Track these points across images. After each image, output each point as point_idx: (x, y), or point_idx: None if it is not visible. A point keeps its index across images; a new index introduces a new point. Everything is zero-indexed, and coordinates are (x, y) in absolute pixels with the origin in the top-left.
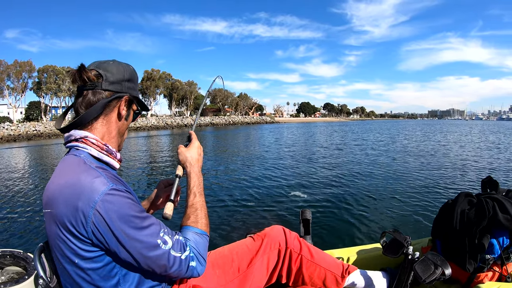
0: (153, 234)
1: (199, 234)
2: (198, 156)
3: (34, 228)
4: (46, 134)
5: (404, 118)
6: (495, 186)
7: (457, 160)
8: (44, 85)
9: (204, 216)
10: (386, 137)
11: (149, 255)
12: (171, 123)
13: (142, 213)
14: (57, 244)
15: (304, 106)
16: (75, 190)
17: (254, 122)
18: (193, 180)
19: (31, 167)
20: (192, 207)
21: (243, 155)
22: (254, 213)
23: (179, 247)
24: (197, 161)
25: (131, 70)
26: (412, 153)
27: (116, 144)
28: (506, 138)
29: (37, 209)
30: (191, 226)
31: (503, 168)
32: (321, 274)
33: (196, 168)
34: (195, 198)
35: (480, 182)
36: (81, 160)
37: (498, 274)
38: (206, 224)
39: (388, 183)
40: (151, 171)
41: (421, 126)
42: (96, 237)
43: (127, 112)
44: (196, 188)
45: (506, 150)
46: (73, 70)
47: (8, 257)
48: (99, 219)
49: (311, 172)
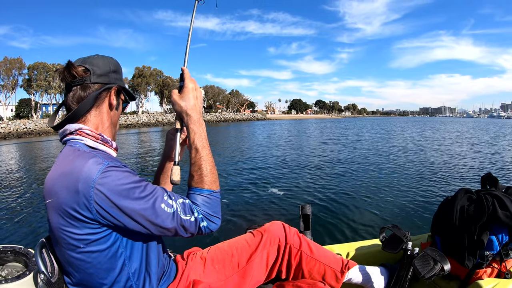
0: (157, 199)
1: (206, 195)
2: (195, 100)
3: (35, 224)
4: (36, 132)
5: (395, 115)
6: (494, 183)
7: (457, 156)
8: (35, 82)
9: (209, 172)
10: (383, 133)
11: (157, 221)
12: (162, 120)
13: (142, 182)
14: (61, 233)
15: (296, 103)
16: (73, 175)
17: (245, 119)
18: (192, 132)
19: (26, 164)
20: (195, 164)
21: (239, 151)
22: (253, 208)
23: (186, 210)
24: (194, 108)
25: (115, 62)
26: (412, 149)
27: (111, 134)
28: (504, 135)
29: (36, 204)
30: (196, 187)
31: (502, 164)
32: (321, 269)
33: (194, 116)
34: (197, 153)
35: (479, 178)
36: (76, 148)
37: (497, 270)
38: (212, 180)
39: (388, 178)
40: (143, 166)
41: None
42: (101, 215)
43: (117, 102)
44: (197, 140)
45: (504, 146)
46: (61, 68)
47: (9, 253)
48: (101, 197)
49: (310, 168)
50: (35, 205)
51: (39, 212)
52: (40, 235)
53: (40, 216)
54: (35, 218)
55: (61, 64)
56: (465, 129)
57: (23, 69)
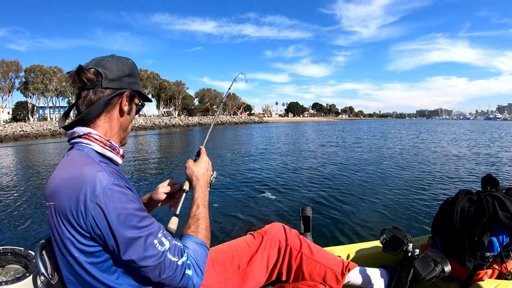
0: (151, 233)
1: (199, 244)
2: (205, 171)
3: (35, 226)
4: (33, 135)
5: (392, 118)
6: (495, 184)
7: (457, 158)
8: (31, 85)
9: (205, 227)
10: (380, 136)
11: (145, 254)
12: (159, 123)
13: (142, 212)
14: (59, 237)
15: (293, 106)
16: (78, 183)
17: (242, 122)
18: (197, 192)
19: (24, 166)
20: (194, 217)
21: (240, 153)
22: (254, 210)
23: (176, 252)
24: (203, 176)
25: (130, 64)
26: (411, 151)
27: (119, 140)
28: (500, 137)
29: (37, 206)
30: (191, 235)
31: (503, 165)
32: (321, 271)
33: (202, 182)
34: (198, 209)
35: (480, 180)
36: (85, 154)
37: (498, 271)
38: (206, 236)
39: (388, 180)
40: (139, 169)
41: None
42: (94, 231)
43: (129, 107)
44: (200, 200)
45: (503, 147)
46: (72, 71)
47: (9, 255)
48: (98, 213)
49: (311, 170)
50: (36, 207)
51: (40, 213)
52: (40, 237)
53: (40, 217)
54: (36, 220)
55: (58, 67)
56: (462, 131)
57: (20, 72)
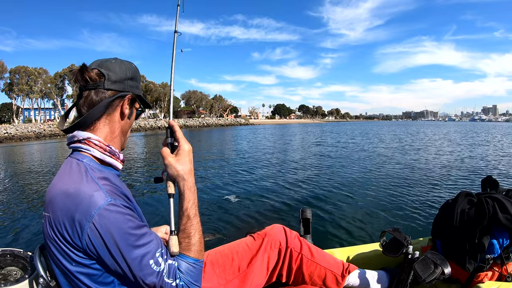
0: (147, 253)
1: (191, 263)
2: (191, 164)
3: (34, 227)
4: (17, 137)
5: (379, 120)
6: (495, 186)
7: (457, 159)
8: (16, 86)
9: (197, 241)
10: (377, 137)
11: (139, 274)
12: (144, 126)
13: (140, 230)
14: (54, 248)
15: (280, 108)
16: (74, 201)
17: (228, 124)
18: (187, 199)
19: (21, 167)
20: (185, 232)
21: (234, 155)
22: (254, 212)
23: (171, 274)
24: (190, 173)
25: (133, 68)
26: (411, 153)
27: (119, 144)
28: (494, 138)
29: (36, 208)
30: (182, 254)
31: (503, 167)
32: (321, 273)
33: (190, 182)
34: (188, 221)
35: (480, 181)
36: (83, 168)
37: (498, 273)
38: (199, 250)
39: (388, 182)
40: (126, 172)
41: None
42: (89, 249)
43: (130, 111)
44: (190, 208)
45: (503, 149)
46: (75, 69)
47: (8, 256)
48: (94, 233)
49: (311, 171)
50: (35, 209)
51: (39, 215)
52: (39, 239)
53: (40, 220)
54: (35, 222)
55: (43, 68)
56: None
57: (5, 73)
